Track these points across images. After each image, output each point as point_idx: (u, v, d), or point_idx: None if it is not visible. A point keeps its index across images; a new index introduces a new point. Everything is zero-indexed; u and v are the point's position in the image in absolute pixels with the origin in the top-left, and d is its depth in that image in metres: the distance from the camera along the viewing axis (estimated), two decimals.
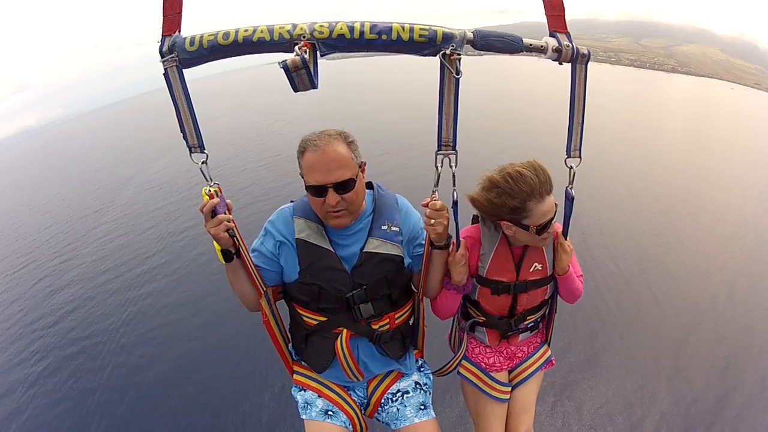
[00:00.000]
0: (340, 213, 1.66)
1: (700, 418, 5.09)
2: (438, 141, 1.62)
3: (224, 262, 1.66)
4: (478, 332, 2.12)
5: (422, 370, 2.09)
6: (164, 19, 1.46)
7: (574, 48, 1.60)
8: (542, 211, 1.72)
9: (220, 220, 1.55)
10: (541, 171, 1.73)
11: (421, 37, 1.49)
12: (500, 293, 1.94)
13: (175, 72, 1.47)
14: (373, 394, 1.97)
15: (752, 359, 5.97)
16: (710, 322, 6.75)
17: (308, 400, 1.91)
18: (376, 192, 1.88)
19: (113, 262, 10.29)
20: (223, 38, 1.45)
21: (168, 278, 9.01)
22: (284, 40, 1.45)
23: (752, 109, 37.36)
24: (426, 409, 1.95)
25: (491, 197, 1.76)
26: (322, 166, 1.60)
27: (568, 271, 1.91)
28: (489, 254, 1.92)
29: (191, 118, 1.54)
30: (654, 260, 8.56)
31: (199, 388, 5.95)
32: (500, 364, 2.13)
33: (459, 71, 1.53)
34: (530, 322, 2.07)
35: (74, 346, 7.35)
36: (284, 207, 1.87)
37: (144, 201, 14.81)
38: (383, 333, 1.84)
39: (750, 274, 8.16)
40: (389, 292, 1.81)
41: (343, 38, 1.46)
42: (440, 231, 1.66)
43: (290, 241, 1.77)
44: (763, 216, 10.78)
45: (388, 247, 1.78)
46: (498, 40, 1.56)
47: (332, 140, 1.62)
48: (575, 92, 1.68)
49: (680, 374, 5.74)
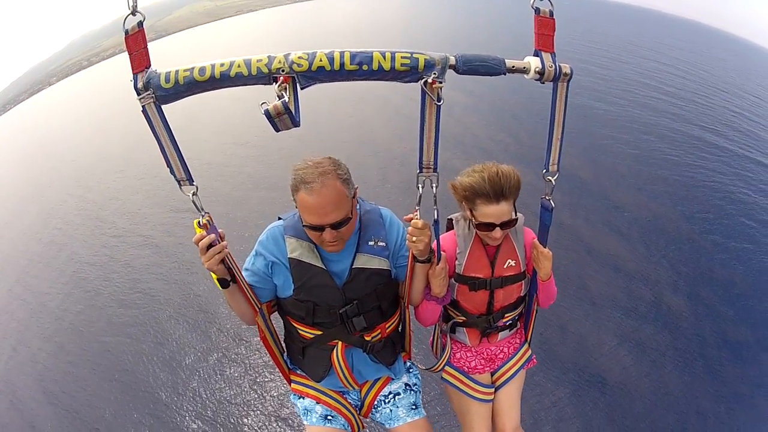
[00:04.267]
0: (335, 243, 1.72)
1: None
2: (419, 164, 1.66)
3: (221, 289, 1.74)
4: (458, 333, 2.25)
5: (411, 371, 2.23)
6: (131, 58, 1.42)
7: (557, 68, 1.58)
8: (485, 212, 1.88)
9: (213, 253, 1.59)
10: (498, 180, 1.83)
11: (403, 66, 1.47)
12: (477, 289, 2.08)
13: (153, 108, 1.45)
14: (367, 396, 2.11)
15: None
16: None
17: (307, 407, 2.05)
18: (361, 208, 1.91)
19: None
20: (200, 74, 1.42)
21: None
22: (263, 75, 1.42)
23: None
24: (417, 409, 2.11)
25: (460, 182, 1.92)
26: (319, 210, 1.62)
27: (551, 275, 2.02)
28: (465, 252, 2.05)
29: (175, 152, 1.53)
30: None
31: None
32: (482, 367, 2.26)
33: (440, 98, 1.53)
34: (508, 320, 2.20)
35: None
36: (274, 226, 1.91)
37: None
38: (375, 343, 1.97)
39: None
40: (379, 303, 1.91)
41: (323, 70, 1.44)
42: (422, 248, 1.75)
43: (282, 261, 1.84)
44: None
45: (375, 261, 1.87)
46: (481, 65, 1.54)
47: (327, 180, 1.61)
48: (555, 109, 1.69)
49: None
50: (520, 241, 2.08)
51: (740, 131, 13.50)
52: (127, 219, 9.88)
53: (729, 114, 15.22)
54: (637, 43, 28.60)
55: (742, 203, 8.89)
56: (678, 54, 26.79)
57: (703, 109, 15.37)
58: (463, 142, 10.43)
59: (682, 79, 19.47)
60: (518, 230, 2.09)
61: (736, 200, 8.98)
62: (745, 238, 7.69)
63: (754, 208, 8.71)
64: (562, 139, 1.74)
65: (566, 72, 1.61)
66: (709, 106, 15.89)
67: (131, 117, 16.65)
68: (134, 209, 10.24)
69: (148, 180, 11.23)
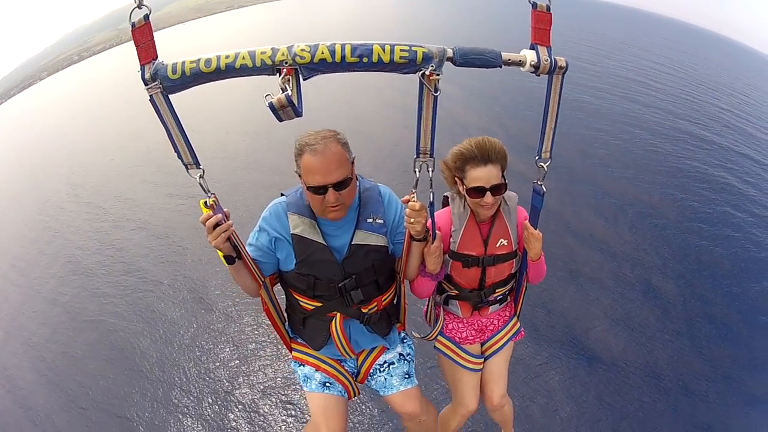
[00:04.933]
0: (337, 207, 1.80)
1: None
2: (416, 149, 1.73)
3: (227, 265, 1.81)
4: (451, 305, 2.35)
5: (405, 341, 2.35)
6: (138, 50, 1.46)
7: (552, 61, 1.64)
8: (474, 176, 1.96)
9: (219, 232, 1.66)
10: (484, 144, 1.95)
11: (402, 59, 1.52)
12: (470, 266, 2.16)
13: (161, 98, 1.50)
14: (363, 365, 2.25)
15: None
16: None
17: (307, 374, 2.19)
18: (360, 185, 2.00)
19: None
20: (205, 65, 1.46)
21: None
22: (266, 66, 1.47)
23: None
24: (410, 378, 2.25)
25: (450, 153, 2.04)
26: (322, 168, 1.71)
27: (541, 255, 2.11)
28: (459, 230, 2.13)
29: (183, 138, 1.59)
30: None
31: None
32: (472, 338, 2.38)
33: (437, 89, 1.58)
34: (499, 295, 2.29)
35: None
36: (277, 202, 1.99)
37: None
38: (372, 315, 2.08)
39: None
40: (376, 278, 2.01)
41: (325, 62, 1.49)
42: (419, 229, 1.84)
43: (285, 237, 1.92)
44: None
45: (374, 238, 1.95)
46: (478, 57, 1.59)
47: (329, 142, 1.73)
48: (550, 101, 1.75)
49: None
50: (513, 220, 2.16)
51: (728, 126, 13.75)
52: (121, 204, 9.99)
53: (716, 110, 15.49)
54: (626, 41, 28.97)
55: (728, 193, 9.12)
56: (667, 53, 27.29)
57: (692, 104, 15.65)
58: (452, 131, 10.50)
59: (671, 76, 19.86)
60: (511, 209, 2.17)
61: (722, 190, 9.23)
62: (729, 227, 7.90)
63: (740, 199, 8.95)
64: (555, 128, 1.80)
65: (561, 65, 1.66)
66: (697, 102, 16.19)
67: (124, 110, 16.46)
68: (129, 195, 10.37)
69: (143, 167, 11.42)
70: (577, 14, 37.33)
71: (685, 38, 40.81)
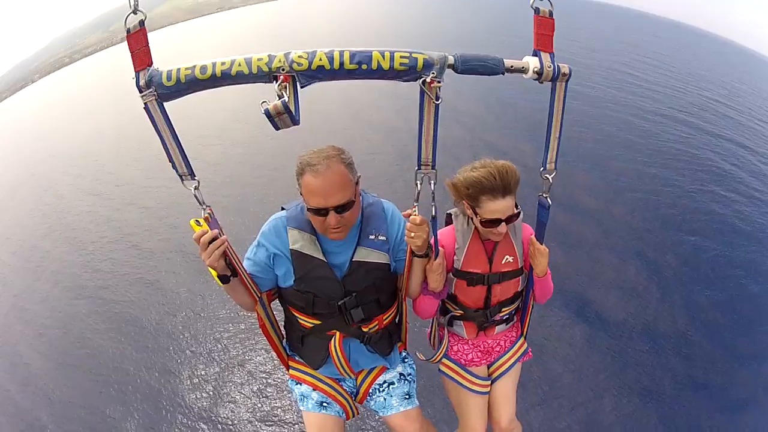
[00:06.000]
0: (339, 229, 1.73)
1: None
2: (418, 161, 1.67)
3: (221, 285, 1.73)
4: (456, 326, 2.27)
5: (406, 361, 2.27)
6: (132, 56, 1.42)
7: (555, 68, 1.60)
8: (491, 209, 1.87)
9: (213, 248, 1.58)
10: (505, 174, 1.83)
11: (402, 66, 1.48)
12: (475, 284, 2.09)
13: (156, 106, 1.46)
14: (362, 385, 2.17)
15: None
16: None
17: (304, 393, 2.11)
18: (363, 200, 1.92)
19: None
20: (201, 72, 1.43)
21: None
22: (263, 73, 1.44)
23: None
24: (410, 398, 2.17)
25: (464, 177, 1.91)
26: (323, 191, 1.63)
27: (547, 272, 2.04)
28: (463, 248, 2.06)
29: (177, 148, 1.54)
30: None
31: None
32: (479, 359, 2.30)
33: (438, 97, 1.54)
34: (505, 314, 2.22)
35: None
36: (277, 217, 1.92)
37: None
38: (373, 334, 2.02)
39: None
40: (377, 296, 1.94)
41: (323, 69, 1.45)
42: (420, 244, 1.77)
43: (284, 253, 1.86)
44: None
45: (375, 255, 1.89)
46: (480, 64, 1.55)
47: (331, 163, 1.64)
48: (554, 109, 1.71)
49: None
50: (519, 236, 2.10)
51: (716, 114, 14.22)
52: (121, 190, 10.34)
53: (704, 100, 15.94)
54: (617, 38, 29.28)
55: (715, 174, 9.55)
56: (658, 48, 27.61)
57: (680, 95, 16.15)
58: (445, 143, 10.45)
59: (661, 71, 20.33)
60: (517, 226, 2.10)
61: (710, 171, 9.68)
62: (715, 205, 8.28)
63: (726, 179, 9.43)
64: (560, 138, 1.76)
65: (565, 72, 1.62)
66: (686, 92, 16.72)
67: (116, 111, 16.31)
68: (128, 180, 10.75)
69: (139, 166, 11.57)
70: (569, 12, 37.45)
71: (674, 35, 41.46)
